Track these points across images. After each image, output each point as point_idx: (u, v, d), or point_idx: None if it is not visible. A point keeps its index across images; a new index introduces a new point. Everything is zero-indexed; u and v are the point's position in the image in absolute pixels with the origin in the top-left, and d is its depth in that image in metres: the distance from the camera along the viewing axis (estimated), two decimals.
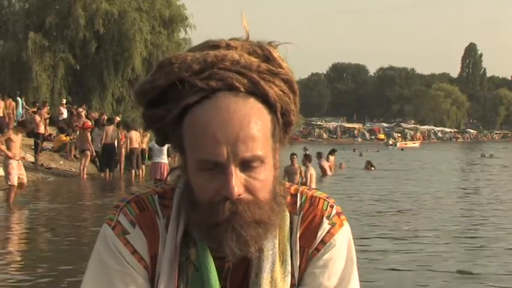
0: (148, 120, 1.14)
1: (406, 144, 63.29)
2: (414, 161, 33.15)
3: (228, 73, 1.06)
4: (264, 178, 1.06)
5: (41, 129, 19.85)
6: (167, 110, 1.08)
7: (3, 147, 12.03)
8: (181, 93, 1.06)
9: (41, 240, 8.86)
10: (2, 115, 21.50)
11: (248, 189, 1.04)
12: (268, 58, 1.11)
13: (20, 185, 12.13)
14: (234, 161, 1.02)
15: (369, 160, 25.65)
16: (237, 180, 1.03)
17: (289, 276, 1.14)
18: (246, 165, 1.04)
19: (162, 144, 1.19)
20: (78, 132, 21.26)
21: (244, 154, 1.02)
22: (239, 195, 1.03)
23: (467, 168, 29.17)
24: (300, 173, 14.34)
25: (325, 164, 20.55)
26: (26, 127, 12.75)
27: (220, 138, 1.02)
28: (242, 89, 1.06)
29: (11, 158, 11.89)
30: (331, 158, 24.92)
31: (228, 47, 1.10)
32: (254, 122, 1.04)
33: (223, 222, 1.04)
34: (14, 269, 7.07)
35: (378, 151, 43.85)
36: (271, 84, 1.09)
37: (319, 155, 20.61)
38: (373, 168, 24.59)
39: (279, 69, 1.10)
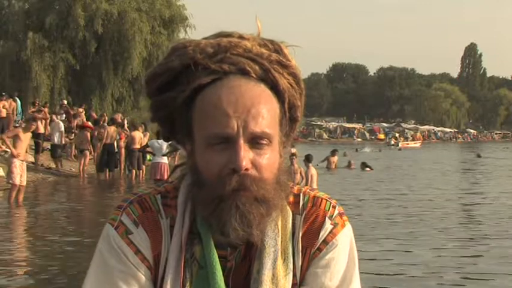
0: (157, 107, 1.15)
1: (408, 144, 63.23)
2: (407, 162, 33.11)
3: (240, 58, 1.10)
4: (270, 158, 1.08)
5: (42, 129, 19.84)
6: (178, 92, 1.10)
7: (9, 144, 11.99)
8: (194, 75, 1.09)
9: (41, 241, 8.85)
10: (5, 116, 21.45)
11: (255, 166, 1.06)
12: (278, 52, 1.14)
13: (19, 186, 12.11)
14: (244, 135, 1.04)
15: (364, 161, 25.49)
16: (246, 154, 1.04)
17: (291, 274, 1.14)
18: (255, 142, 1.06)
19: (167, 139, 1.21)
20: (74, 133, 21.28)
21: (254, 129, 1.05)
22: (246, 169, 1.04)
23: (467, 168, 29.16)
24: (300, 173, 14.31)
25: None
26: (32, 124, 12.70)
27: (231, 112, 1.05)
28: (253, 75, 1.09)
29: (14, 157, 11.85)
30: (333, 158, 24.87)
31: (241, 37, 1.13)
32: (264, 103, 1.07)
33: (228, 198, 1.05)
34: (12, 269, 7.07)
35: (380, 151, 43.93)
36: (281, 75, 1.11)
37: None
38: (367, 169, 24.42)
39: (289, 63, 1.13)
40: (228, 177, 1.04)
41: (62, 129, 19.85)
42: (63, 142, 20.12)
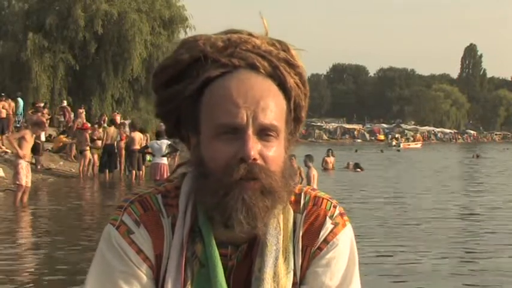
0: (163, 101, 1.16)
1: (409, 145, 63.38)
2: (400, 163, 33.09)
3: (250, 54, 1.11)
4: (277, 151, 1.09)
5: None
6: (187, 84, 1.11)
7: (16, 145, 11.98)
8: (203, 68, 1.10)
9: (41, 241, 8.85)
10: (4, 116, 21.43)
11: (262, 157, 1.07)
12: (286, 52, 1.15)
13: (25, 187, 12.09)
14: (253, 126, 1.05)
15: (357, 162, 25.51)
16: (254, 145, 1.05)
17: (292, 273, 1.14)
18: (263, 134, 1.07)
19: (170, 135, 1.22)
20: (74, 133, 21.31)
21: (263, 120, 1.06)
22: (254, 159, 1.05)
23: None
24: (300, 174, 14.30)
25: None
26: (42, 127, 12.73)
27: (241, 103, 1.06)
28: (262, 70, 1.11)
29: (20, 158, 11.84)
30: (328, 159, 24.87)
31: (250, 35, 1.15)
32: (272, 97, 1.09)
33: (234, 190, 1.05)
34: (12, 269, 7.07)
35: (382, 151, 44.08)
36: (288, 74, 1.13)
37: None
38: (359, 170, 24.41)
39: (296, 62, 1.15)
40: (236, 166, 1.05)
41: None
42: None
